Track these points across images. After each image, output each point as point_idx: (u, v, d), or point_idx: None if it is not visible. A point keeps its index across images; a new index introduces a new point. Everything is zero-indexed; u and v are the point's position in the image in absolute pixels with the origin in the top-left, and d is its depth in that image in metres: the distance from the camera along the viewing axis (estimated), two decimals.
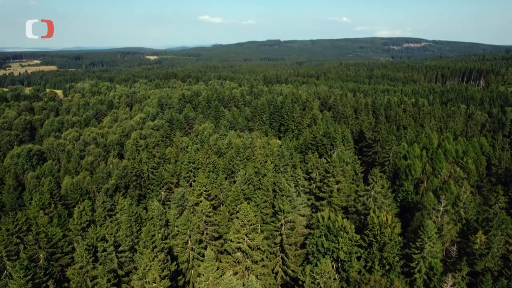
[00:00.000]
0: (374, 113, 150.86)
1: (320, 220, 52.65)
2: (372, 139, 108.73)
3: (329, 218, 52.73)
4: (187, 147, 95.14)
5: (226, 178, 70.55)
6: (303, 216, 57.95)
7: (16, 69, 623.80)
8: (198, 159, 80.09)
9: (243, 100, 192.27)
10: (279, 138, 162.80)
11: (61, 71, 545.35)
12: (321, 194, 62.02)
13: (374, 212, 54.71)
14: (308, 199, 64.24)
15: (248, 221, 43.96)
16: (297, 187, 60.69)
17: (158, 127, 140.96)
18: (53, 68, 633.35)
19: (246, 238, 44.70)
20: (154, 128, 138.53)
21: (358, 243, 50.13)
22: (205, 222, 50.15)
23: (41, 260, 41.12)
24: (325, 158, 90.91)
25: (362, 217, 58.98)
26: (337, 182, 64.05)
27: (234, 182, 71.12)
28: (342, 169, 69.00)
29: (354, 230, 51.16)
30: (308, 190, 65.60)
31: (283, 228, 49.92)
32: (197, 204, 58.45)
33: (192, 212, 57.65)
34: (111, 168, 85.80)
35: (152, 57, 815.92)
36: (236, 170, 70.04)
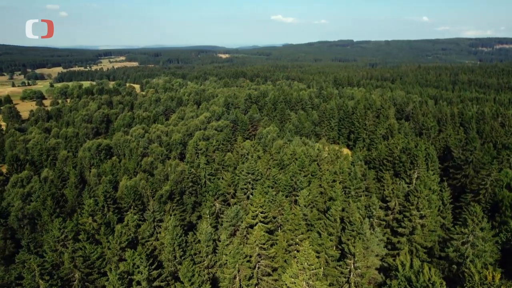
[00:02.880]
0: (462, 126, 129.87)
1: (400, 267, 41.89)
2: (462, 159, 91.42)
3: (411, 266, 41.75)
4: (247, 154, 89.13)
5: (286, 196, 62.54)
6: (376, 255, 47.48)
7: (105, 64, 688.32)
8: (258, 170, 73.27)
9: (311, 103, 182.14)
10: (348, 146, 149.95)
11: (141, 67, 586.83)
12: (400, 230, 50.68)
13: (473, 263, 42.37)
14: (383, 233, 53.30)
15: (310, 264, 35.47)
16: (371, 219, 50.26)
17: (221, 128, 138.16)
18: (135, 64, 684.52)
19: (305, 284, 36.27)
20: (217, 129, 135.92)
21: None
22: (258, 255, 42.86)
23: (76, 281, 37.72)
24: (402, 178, 77.91)
25: (455, 266, 46.52)
26: (422, 217, 52.01)
27: (295, 201, 62.74)
28: (427, 198, 56.45)
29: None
30: (384, 221, 54.55)
31: (352, 275, 40.44)
32: (251, 226, 51.43)
33: (245, 236, 50.77)
34: (169, 171, 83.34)
35: (224, 56, 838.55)
36: (298, 187, 61.70)
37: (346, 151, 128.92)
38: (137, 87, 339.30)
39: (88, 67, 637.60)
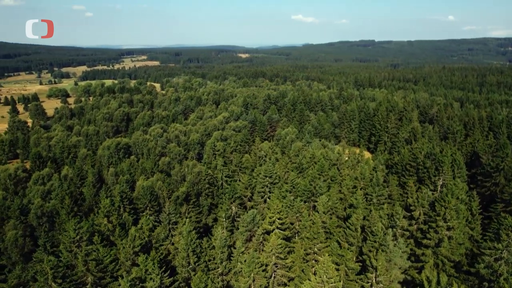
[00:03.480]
0: (491, 130, 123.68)
1: (425, 283, 39.31)
2: (491, 166, 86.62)
3: (438, 283, 39.12)
4: (265, 156, 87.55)
5: (305, 201, 60.57)
6: (399, 268, 44.93)
7: (127, 63, 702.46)
8: (276, 173, 71.59)
9: (331, 104, 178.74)
10: (368, 149, 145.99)
11: (162, 66, 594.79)
12: (425, 241, 47.83)
13: (507, 282, 39.43)
14: (406, 243, 50.53)
15: (329, 278, 33.58)
16: (394, 229, 47.65)
17: (240, 128, 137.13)
18: (157, 63, 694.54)
19: None
20: (235, 129, 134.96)
21: None
22: (275, 264, 41.23)
23: (88, 285, 37.22)
24: (426, 185, 74.38)
25: (486, 283, 43.41)
26: (449, 228, 48.98)
27: (314, 207, 60.68)
28: (455, 208, 53.24)
29: None
30: (408, 231, 51.74)
31: None
32: (268, 232, 49.85)
33: (262, 243, 49.22)
34: (186, 172, 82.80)
35: (243, 55, 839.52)
36: (317, 193, 59.61)
37: (367, 154, 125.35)
38: (157, 86, 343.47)
39: (111, 66, 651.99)
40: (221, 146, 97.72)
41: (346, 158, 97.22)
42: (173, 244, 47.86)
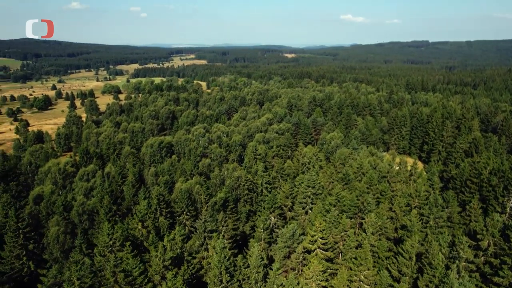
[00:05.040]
0: None
1: None
2: None
3: None
4: (309, 163, 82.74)
5: (351, 218, 55.23)
6: None
7: (176, 62, 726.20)
8: (320, 183, 66.75)
9: (380, 109, 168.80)
10: (420, 158, 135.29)
11: (209, 65, 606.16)
12: (496, 279, 40.64)
13: None
14: (470, 276, 43.50)
15: None
16: (456, 261, 41.04)
17: (283, 131, 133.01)
18: (204, 62, 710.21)
19: None
20: (278, 132, 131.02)
21: None
22: None
23: None
24: (492, 206, 65.38)
25: None
26: None
27: (361, 224, 55.13)
28: None
29: None
30: (472, 263, 44.61)
31: None
32: (308, 252, 45.51)
33: (301, 262, 44.97)
34: (225, 175, 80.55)
35: (289, 55, 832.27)
36: (365, 209, 54.04)
37: (419, 165, 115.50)
38: (203, 84, 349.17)
39: (161, 64, 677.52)
40: (262, 149, 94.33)
41: (397, 168, 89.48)
42: (205, 258, 45.20)
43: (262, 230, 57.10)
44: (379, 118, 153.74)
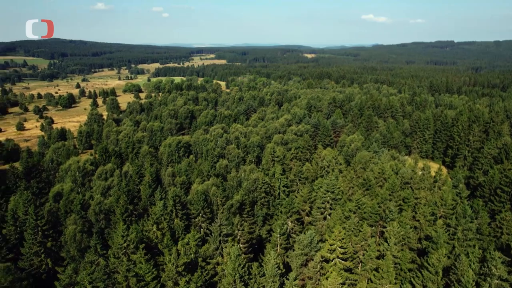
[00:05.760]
0: None
1: None
2: None
3: None
4: (328, 167, 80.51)
5: (371, 226, 52.88)
6: None
7: (196, 61, 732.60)
8: (339, 188, 64.58)
9: (402, 111, 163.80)
10: (443, 162, 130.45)
11: (229, 64, 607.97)
12: None
13: None
14: None
15: None
16: (488, 278, 38.23)
17: (301, 133, 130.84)
18: (224, 62, 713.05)
19: None
20: (297, 133, 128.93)
21: None
22: None
23: None
24: None
25: None
26: None
27: (382, 233, 52.69)
28: None
29: None
30: (506, 281, 41.52)
31: None
32: (326, 260, 43.62)
33: (319, 271, 43.16)
34: (242, 177, 79.37)
35: (309, 55, 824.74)
36: (387, 217, 51.54)
37: (443, 171, 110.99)
38: (223, 84, 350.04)
39: (181, 64, 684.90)
40: (281, 151, 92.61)
41: (420, 173, 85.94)
42: (220, 264, 44.00)
43: (278, 235, 55.55)
44: (401, 121, 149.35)
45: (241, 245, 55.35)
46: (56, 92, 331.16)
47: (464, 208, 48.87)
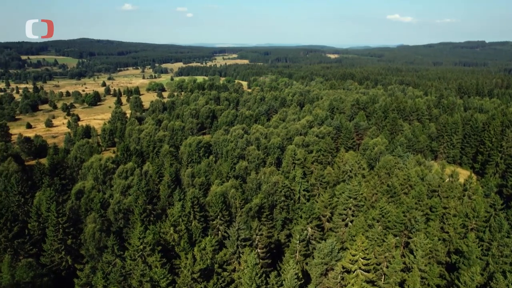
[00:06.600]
0: None
1: None
2: None
3: None
4: (350, 171, 77.94)
5: (395, 235, 50.31)
6: None
7: (219, 61, 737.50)
8: (362, 194, 62.13)
9: (429, 114, 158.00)
10: (472, 168, 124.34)
11: (251, 64, 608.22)
12: None
13: None
14: None
15: None
16: None
17: (323, 135, 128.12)
18: (246, 61, 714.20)
19: None
20: (318, 135, 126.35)
21: None
22: None
23: None
24: None
25: None
26: None
27: (407, 244, 50.00)
28: None
29: None
30: None
31: None
32: (348, 271, 41.62)
33: (339, 283, 41.21)
34: (262, 180, 78.03)
35: (332, 56, 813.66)
36: (413, 228, 48.87)
37: (472, 177, 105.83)
38: (244, 84, 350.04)
39: (204, 63, 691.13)
40: (301, 154, 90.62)
41: (447, 180, 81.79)
42: (236, 271, 42.85)
43: (298, 242, 53.86)
44: (427, 124, 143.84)
45: (259, 250, 54.04)
46: (83, 90, 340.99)
47: (500, 221, 45.51)
